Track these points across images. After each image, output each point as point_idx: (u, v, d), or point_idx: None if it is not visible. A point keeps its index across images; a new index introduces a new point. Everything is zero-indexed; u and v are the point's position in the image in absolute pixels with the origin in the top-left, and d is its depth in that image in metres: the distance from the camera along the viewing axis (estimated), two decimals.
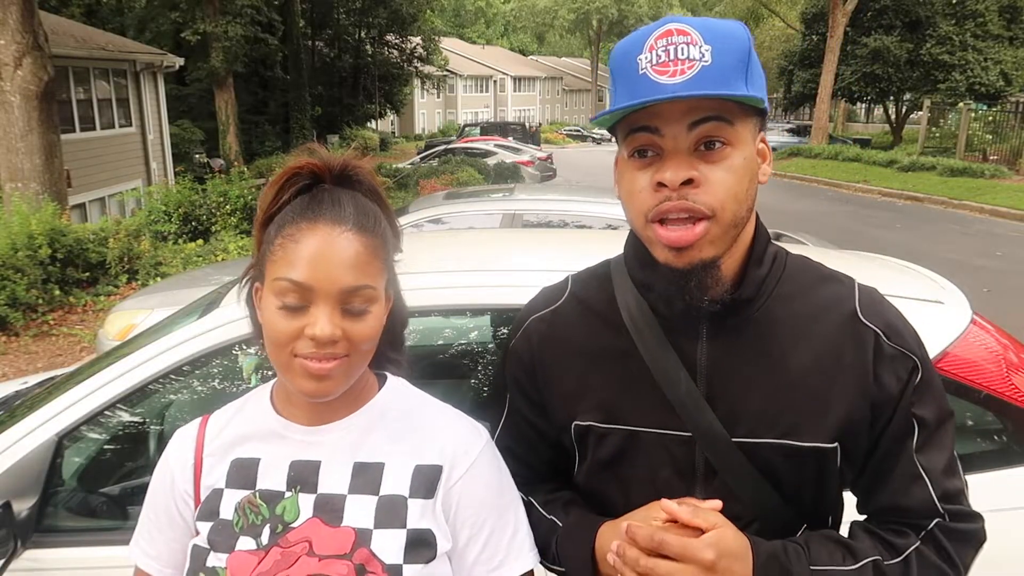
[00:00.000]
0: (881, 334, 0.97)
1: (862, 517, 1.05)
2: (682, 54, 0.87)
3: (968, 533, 0.98)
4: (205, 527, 0.97)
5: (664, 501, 0.90)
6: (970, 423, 1.91)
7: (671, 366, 0.96)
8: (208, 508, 0.98)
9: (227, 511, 0.97)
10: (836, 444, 0.95)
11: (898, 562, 0.94)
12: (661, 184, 0.89)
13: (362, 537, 0.93)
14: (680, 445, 0.97)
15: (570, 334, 1.05)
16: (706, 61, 0.86)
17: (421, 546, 0.94)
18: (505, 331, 2.22)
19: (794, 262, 1.02)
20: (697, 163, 0.88)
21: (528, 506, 1.07)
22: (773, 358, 0.96)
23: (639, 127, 0.90)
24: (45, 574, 1.68)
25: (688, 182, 0.88)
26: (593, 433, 1.02)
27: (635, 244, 1.01)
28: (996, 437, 1.91)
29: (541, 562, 1.04)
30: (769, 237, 1.00)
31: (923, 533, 0.97)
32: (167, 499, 1.02)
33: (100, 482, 1.94)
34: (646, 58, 0.88)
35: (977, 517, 1.00)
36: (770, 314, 0.97)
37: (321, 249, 0.89)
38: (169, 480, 1.02)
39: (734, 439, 0.95)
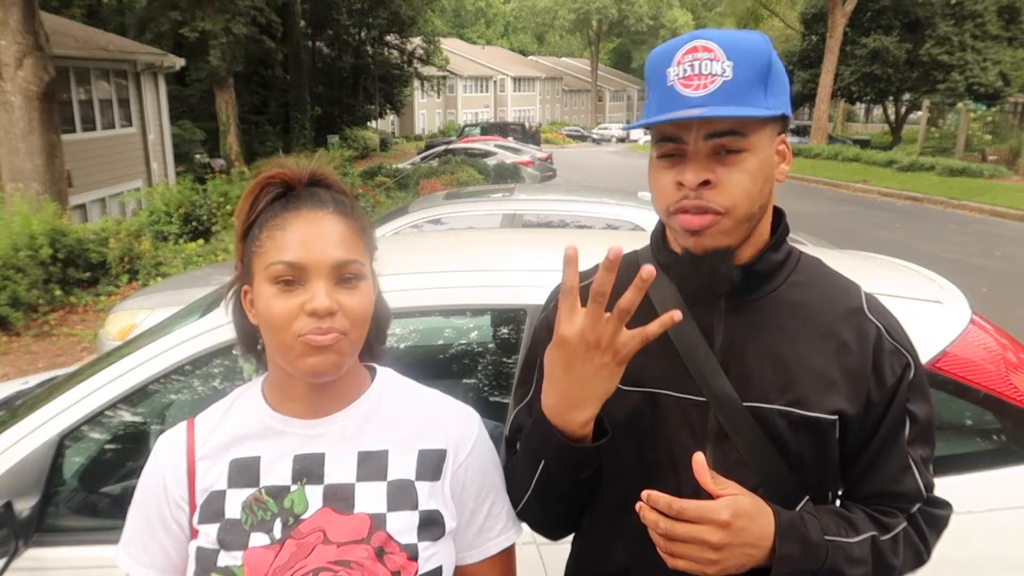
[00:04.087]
0: (883, 330, 1.06)
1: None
2: (705, 69, 0.97)
3: (941, 518, 1.12)
4: (211, 529, 0.97)
5: (696, 463, 0.94)
6: (970, 423, 1.92)
7: (690, 335, 1.05)
8: (211, 510, 0.98)
9: (233, 511, 0.98)
10: (836, 417, 1.04)
11: (888, 539, 1.04)
12: (681, 184, 0.99)
13: (377, 521, 0.97)
14: (694, 408, 1.05)
15: None
16: (727, 76, 0.96)
17: (431, 525, 1.00)
18: (505, 331, 2.24)
19: (807, 259, 1.13)
20: (715, 165, 0.98)
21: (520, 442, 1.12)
22: (785, 335, 1.05)
23: (666, 137, 1.00)
24: (46, 573, 1.69)
25: (705, 183, 0.98)
26: (615, 393, 1.07)
27: (659, 232, 1.14)
28: (996, 437, 1.92)
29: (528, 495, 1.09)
30: (789, 231, 1.11)
31: (907, 516, 1.08)
32: (159, 505, 1.02)
33: (101, 482, 1.95)
34: (674, 71, 0.99)
35: (947, 505, 1.13)
36: (784, 297, 1.07)
37: (308, 229, 0.95)
38: (160, 486, 1.02)
39: (745, 404, 1.03)
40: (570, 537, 1.32)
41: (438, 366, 2.32)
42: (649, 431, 1.07)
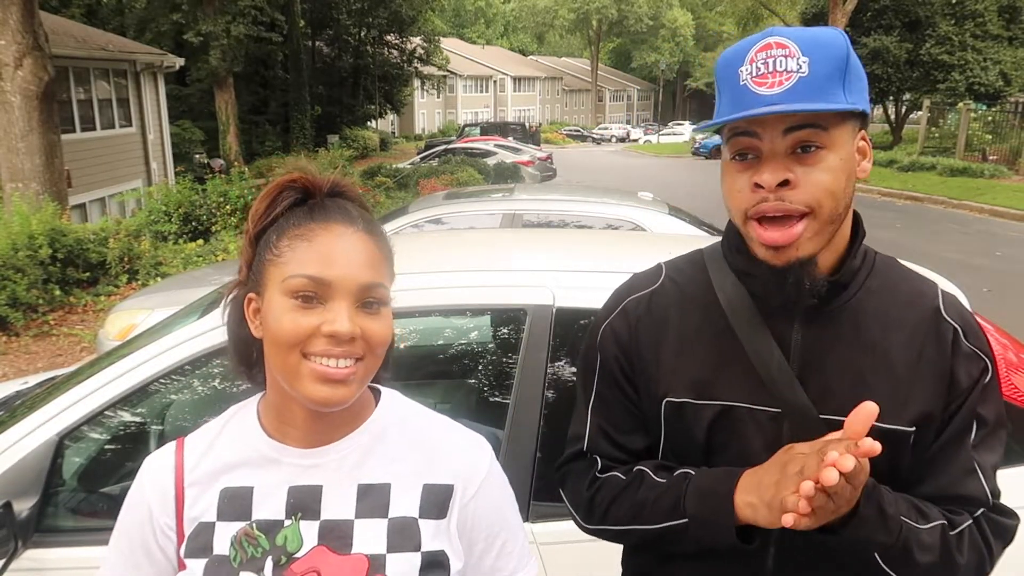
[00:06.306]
0: (960, 332, 1.04)
1: None
2: (780, 66, 0.94)
3: (1006, 527, 1.06)
4: (197, 564, 0.91)
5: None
6: None
7: (765, 345, 1.03)
8: (198, 544, 0.92)
9: (222, 546, 0.91)
10: (913, 428, 1.02)
11: (955, 534, 1.01)
12: (758, 185, 0.96)
13: (376, 563, 0.90)
14: (769, 420, 1.04)
15: (667, 315, 1.12)
16: (803, 72, 0.94)
17: (435, 568, 0.92)
18: (505, 331, 2.23)
19: (882, 260, 1.10)
20: (793, 165, 0.95)
21: (639, 474, 1.10)
22: (862, 345, 1.03)
23: (740, 132, 0.98)
24: (46, 574, 1.68)
25: (784, 183, 0.95)
26: (687, 409, 1.08)
27: (734, 234, 1.09)
28: None
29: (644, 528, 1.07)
30: (865, 234, 1.07)
31: (973, 518, 1.03)
32: (144, 533, 0.95)
33: (101, 482, 1.95)
34: (746, 70, 0.96)
35: (1014, 515, 1.07)
36: (861, 305, 1.04)
37: (338, 245, 0.88)
38: (146, 513, 0.94)
39: (821, 415, 1.01)
40: (566, 535, 1.31)
41: (438, 366, 2.32)
42: (725, 444, 1.06)
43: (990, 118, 20.44)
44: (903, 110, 28.74)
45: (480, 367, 2.24)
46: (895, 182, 17.72)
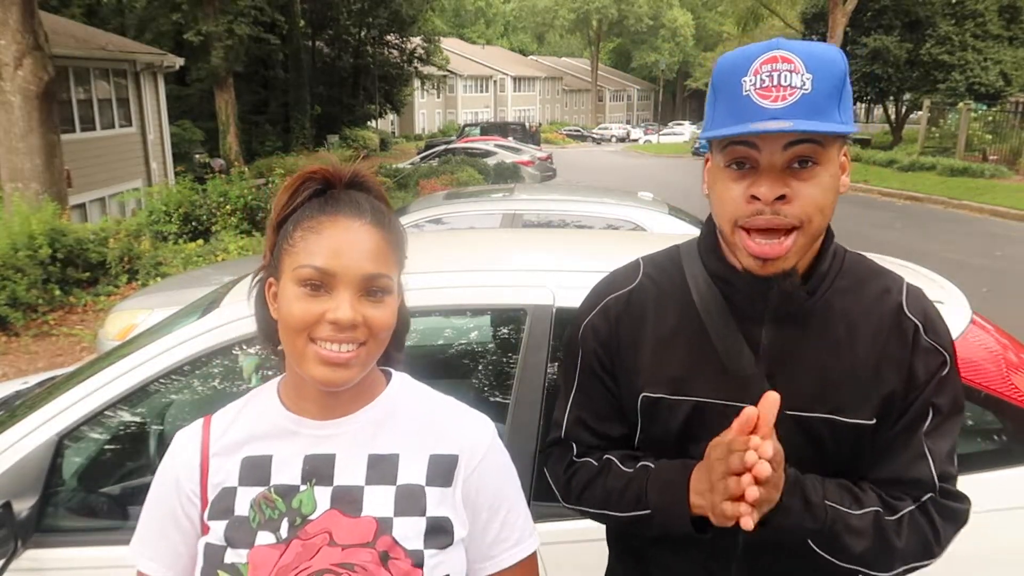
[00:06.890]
0: (920, 327, 1.08)
1: None
2: (785, 81, 0.96)
3: (955, 511, 1.10)
4: (219, 525, 0.99)
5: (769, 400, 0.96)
6: (970, 423, 1.91)
7: (736, 345, 1.08)
8: (221, 506, 0.99)
9: (242, 508, 0.99)
10: (874, 421, 1.07)
11: (893, 519, 1.05)
12: (755, 197, 0.98)
13: (383, 525, 0.97)
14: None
15: (645, 313, 1.16)
16: (806, 89, 0.96)
17: (439, 533, 0.99)
18: (505, 331, 2.23)
19: (851, 258, 1.14)
20: (789, 179, 0.98)
21: (607, 463, 1.17)
22: (828, 344, 1.07)
23: (737, 142, 0.99)
24: (45, 574, 1.68)
25: (781, 198, 0.98)
26: (662, 405, 1.13)
27: (710, 237, 1.13)
28: (996, 437, 1.92)
29: (615, 516, 1.15)
30: (834, 236, 1.11)
31: (918, 503, 1.08)
32: (172, 501, 1.02)
33: (100, 482, 1.95)
34: (750, 81, 0.97)
35: (965, 499, 1.11)
36: (828, 305, 1.09)
37: (343, 238, 0.94)
38: (173, 481, 1.02)
39: (788, 412, 1.04)
40: (566, 535, 1.32)
41: (438, 366, 2.32)
42: (698, 436, 1.09)
43: (990, 118, 20.43)
44: (903, 110, 28.74)
45: (480, 367, 2.24)
46: (895, 182, 17.72)
